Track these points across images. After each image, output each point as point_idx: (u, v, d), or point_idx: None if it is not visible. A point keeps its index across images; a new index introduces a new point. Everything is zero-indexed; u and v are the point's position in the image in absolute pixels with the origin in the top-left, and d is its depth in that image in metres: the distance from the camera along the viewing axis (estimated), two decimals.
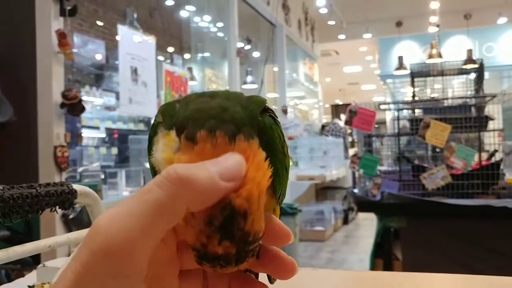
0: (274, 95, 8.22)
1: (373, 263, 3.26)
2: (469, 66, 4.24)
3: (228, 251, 0.28)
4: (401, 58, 8.60)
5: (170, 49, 6.49)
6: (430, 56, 7.80)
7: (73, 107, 3.02)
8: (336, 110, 17.73)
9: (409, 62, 7.04)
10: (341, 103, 17.72)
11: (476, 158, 3.09)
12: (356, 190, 3.79)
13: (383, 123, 8.35)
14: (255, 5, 6.83)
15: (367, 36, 10.07)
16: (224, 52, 6.45)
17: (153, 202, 0.25)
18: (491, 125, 3.39)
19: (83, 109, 3.12)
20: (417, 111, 3.65)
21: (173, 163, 0.30)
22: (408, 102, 3.76)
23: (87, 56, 5.01)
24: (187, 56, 6.88)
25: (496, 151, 3.34)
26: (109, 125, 5.12)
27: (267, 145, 0.32)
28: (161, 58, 5.50)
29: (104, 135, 5.28)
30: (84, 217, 2.80)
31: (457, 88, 4.15)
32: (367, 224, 7.08)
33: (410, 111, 3.67)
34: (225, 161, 0.28)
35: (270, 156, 0.32)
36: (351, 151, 8.08)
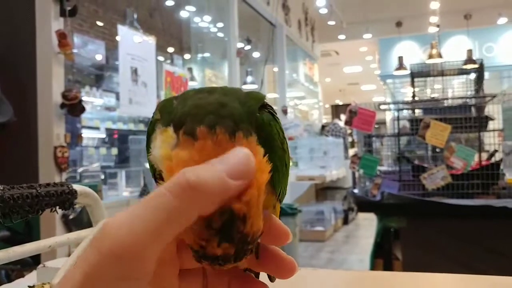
0: (274, 95, 8.22)
1: (373, 263, 3.25)
2: (469, 66, 4.24)
3: (227, 252, 0.28)
4: (401, 58, 8.60)
5: (170, 50, 6.49)
6: (430, 56, 7.80)
7: (73, 107, 3.03)
8: (336, 110, 17.72)
9: (409, 62, 7.03)
10: (341, 103, 17.72)
11: (476, 158, 3.09)
12: (356, 190, 3.79)
13: (383, 123, 8.35)
14: (255, 5, 6.83)
15: (367, 36, 10.07)
16: (224, 52, 6.45)
17: (164, 207, 0.25)
18: (491, 125, 3.39)
19: (83, 109, 3.12)
20: (417, 111, 3.65)
21: (171, 159, 0.30)
22: (408, 102, 3.76)
23: (87, 57, 5.01)
24: (187, 56, 6.88)
25: (496, 151, 3.34)
26: (109, 125, 5.11)
27: (266, 142, 0.32)
28: (161, 58, 5.50)
29: (104, 135, 5.28)
30: (84, 217, 2.79)
31: (457, 88, 4.15)
32: (367, 224, 7.07)
33: (410, 111, 3.67)
34: (233, 158, 0.28)
35: (269, 153, 0.31)
36: (351, 151, 8.08)
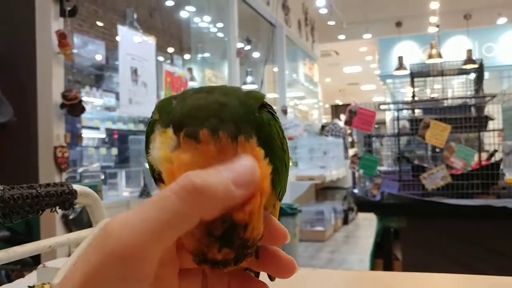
0: (274, 95, 8.22)
1: (373, 263, 3.25)
2: (469, 66, 4.24)
3: (227, 257, 0.28)
4: (401, 58, 8.60)
5: (170, 50, 6.49)
6: (430, 56, 7.80)
7: (73, 107, 3.03)
8: (336, 110, 17.72)
9: (409, 62, 7.03)
10: (341, 103, 17.72)
11: (476, 158, 3.09)
12: (356, 190, 3.79)
13: (383, 123, 8.34)
14: (255, 5, 6.83)
15: (367, 36, 10.07)
16: (224, 53, 6.45)
17: (168, 209, 0.25)
18: (491, 125, 3.39)
19: (83, 109, 3.12)
20: (417, 111, 3.65)
21: (171, 162, 0.30)
22: (408, 102, 3.76)
23: (87, 57, 5.01)
24: (187, 56, 6.88)
25: (496, 151, 3.34)
26: (109, 125, 5.11)
27: (265, 142, 0.32)
28: (161, 58, 5.50)
29: (104, 135, 5.27)
30: (84, 218, 2.79)
31: (457, 88, 4.15)
32: (367, 224, 7.07)
33: (410, 111, 3.66)
34: (239, 167, 0.28)
35: (269, 153, 0.31)
36: (351, 151, 8.08)
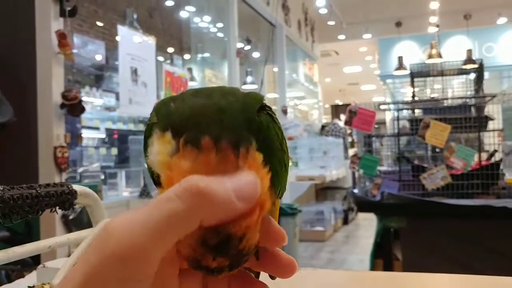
0: (274, 95, 8.22)
1: (373, 263, 3.25)
2: (469, 66, 4.24)
3: (222, 265, 0.28)
4: (401, 58, 8.60)
5: (170, 50, 6.49)
6: (430, 56, 7.80)
7: (73, 107, 3.03)
8: (336, 110, 17.72)
9: (409, 62, 7.03)
10: (341, 103, 17.71)
11: (476, 158, 3.08)
12: (356, 190, 3.79)
13: (383, 123, 8.34)
14: (255, 5, 6.83)
15: (367, 36, 10.07)
16: (224, 53, 6.45)
17: (170, 211, 0.25)
18: (491, 125, 3.39)
19: (83, 109, 3.12)
20: (417, 111, 3.65)
21: (170, 167, 0.30)
22: (408, 102, 3.76)
23: (87, 57, 5.00)
24: (187, 56, 6.88)
25: (496, 151, 3.34)
26: (109, 125, 5.11)
27: (265, 144, 0.32)
28: (161, 58, 5.49)
29: (104, 135, 5.27)
30: (84, 218, 2.79)
31: (457, 88, 4.15)
32: (367, 224, 7.07)
33: (410, 111, 3.66)
34: (241, 180, 0.28)
35: (268, 155, 0.32)
36: (351, 151, 8.08)
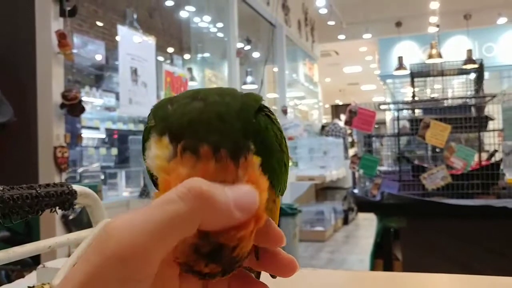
0: (274, 95, 8.22)
1: (373, 264, 3.25)
2: (469, 66, 4.24)
3: (214, 271, 0.28)
4: (401, 58, 8.60)
5: (170, 50, 6.49)
6: (430, 56, 7.80)
7: (73, 107, 3.02)
8: (336, 110, 17.72)
9: (409, 62, 7.03)
10: (341, 103, 17.71)
11: (476, 158, 3.08)
12: (356, 191, 3.79)
13: (383, 123, 8.34)
14: (255, 5, 6.83)
15: (367, 36, 10.07)
16: (224, 53, 6.45)
17: (172, 212, 0.25)
18: (491, 125, 3.39)
19: (83, 109, 3.12)
20: (417, 111, 3.65)
21: (168, 171, 0.30)
22: (408, 102, 3.76)
23: (87, 57, 5.00)
24: (187, 56, 6.88)
25: (496, 151, 3.33)
26: (109, 125, 5.11)
27: (263, 146, 0.32)
28: (161, 58, 5.49)
29: (104, 135, 5.27)
30: (84, 218, 2.79)
31: (457, 88, 4.15)
32: (367, 224, 7.07)
33: (410, 111, 3.66)
34: (242, 191, 0.28)
35: (267, 156, 0.32)
36: (351, 151, 8.08)
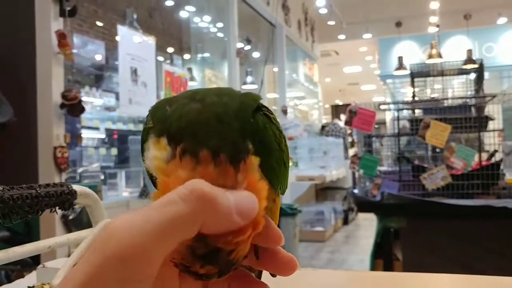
0: (274, 95, 8.22)
1: (373, 264, 3.25)
2: (469, 66, 4.24)
3: (211, 272, 0.28)
4: (401, 58, 8.60)
5: (170, 50, 6.49)
6: (430, 56, 7.80)
7: (73, 107, 3.02)
8: (336, 110, 17.72)
9: (409, 62, 7.03)
10: (341, 103, 17.71)
11: (476, 158, 3.08)
12: (356, 191, 3.78)
13: (383, 123, 8.34)
14: (255, 5, 6.83)
15: (367, 36, 10.07)
16: (224, 53, 6.44)
17: (173, 213, 0.25)
18: (491, 125, 3.39)
19: (83, 109, 3.12)
20: (417, 111, 3.65)
21: (166, 173, 0.30)
22: (408, 102, 3.76)
23: (87, 57, 5.00)
24: (187, 56, 6.88)
25: (496, 151, 3.33)
26: (109, 125, 5.11)
27: (262, 145, 0.32)
28: (161, 58, 5.49)
29: (104, 135, 5.27)
30: (84, 218, 2.79)
31: (457, 88, 4.15)
32: (367, 224, 7.07)
33: (410, 111, 3.66)
34: (242, 195, 0.28)
35: (266, 156, 0.32)
36: (351, 152, 8.08)
